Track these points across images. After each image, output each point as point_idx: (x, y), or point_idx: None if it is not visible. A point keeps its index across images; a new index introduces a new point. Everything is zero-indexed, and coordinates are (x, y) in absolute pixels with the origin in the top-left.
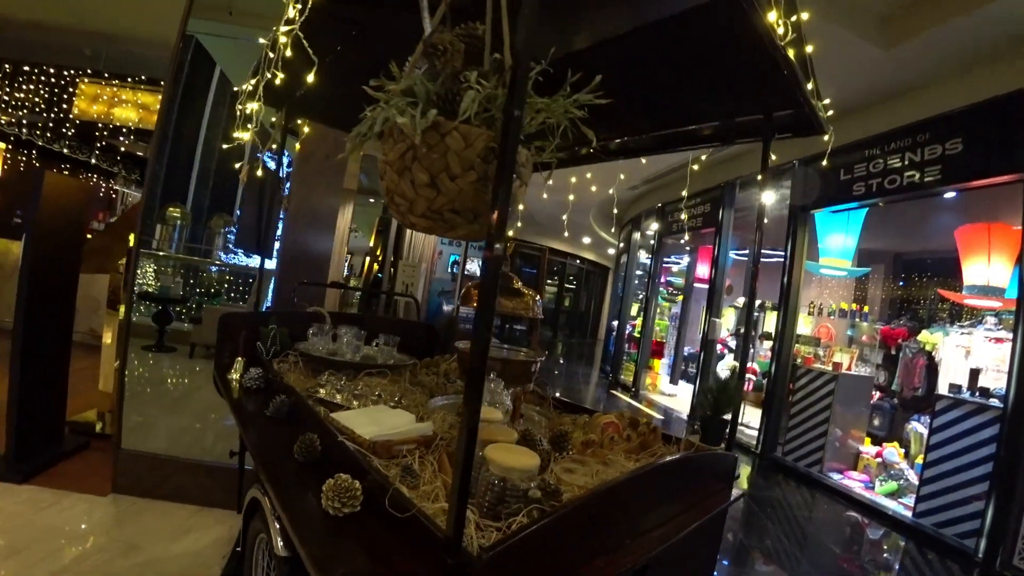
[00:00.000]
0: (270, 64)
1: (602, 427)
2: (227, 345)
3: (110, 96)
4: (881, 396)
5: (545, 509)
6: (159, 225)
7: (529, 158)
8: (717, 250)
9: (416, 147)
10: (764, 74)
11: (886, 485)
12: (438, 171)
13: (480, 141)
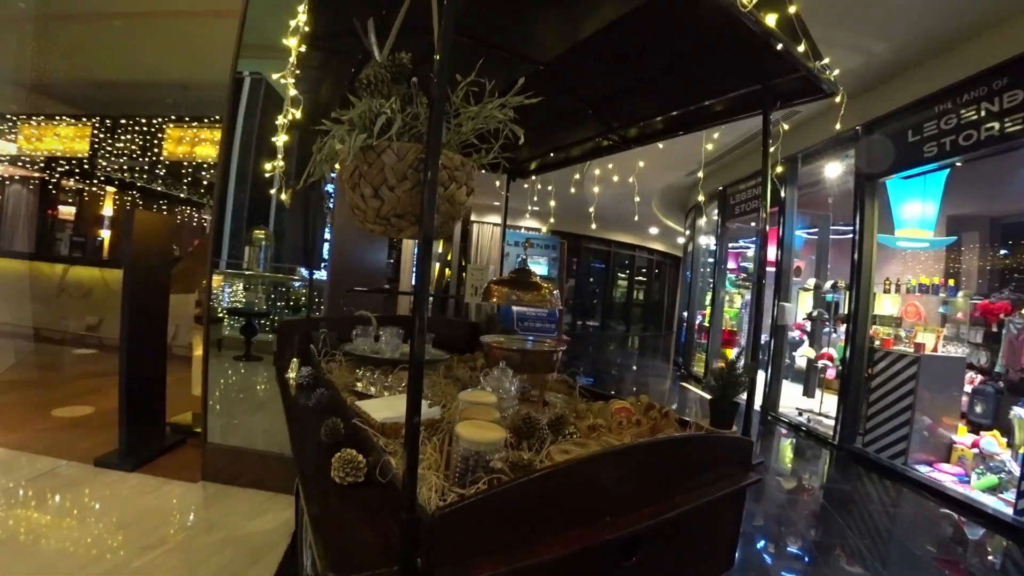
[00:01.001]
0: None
1: (613, 412)
2: (286, 349)
3: (192, 136)
4: (983, 380)
5: (506, 479)
6: (247, 247)
7: (466, 162)
8: (782, 230)
9: (360, 166)
10: (746, 42)
11: (984, 479)
12: (379, 184)
13: (411, 154)
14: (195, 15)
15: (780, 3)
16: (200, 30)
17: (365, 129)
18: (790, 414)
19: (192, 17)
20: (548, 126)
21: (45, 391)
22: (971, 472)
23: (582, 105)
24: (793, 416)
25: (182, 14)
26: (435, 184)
